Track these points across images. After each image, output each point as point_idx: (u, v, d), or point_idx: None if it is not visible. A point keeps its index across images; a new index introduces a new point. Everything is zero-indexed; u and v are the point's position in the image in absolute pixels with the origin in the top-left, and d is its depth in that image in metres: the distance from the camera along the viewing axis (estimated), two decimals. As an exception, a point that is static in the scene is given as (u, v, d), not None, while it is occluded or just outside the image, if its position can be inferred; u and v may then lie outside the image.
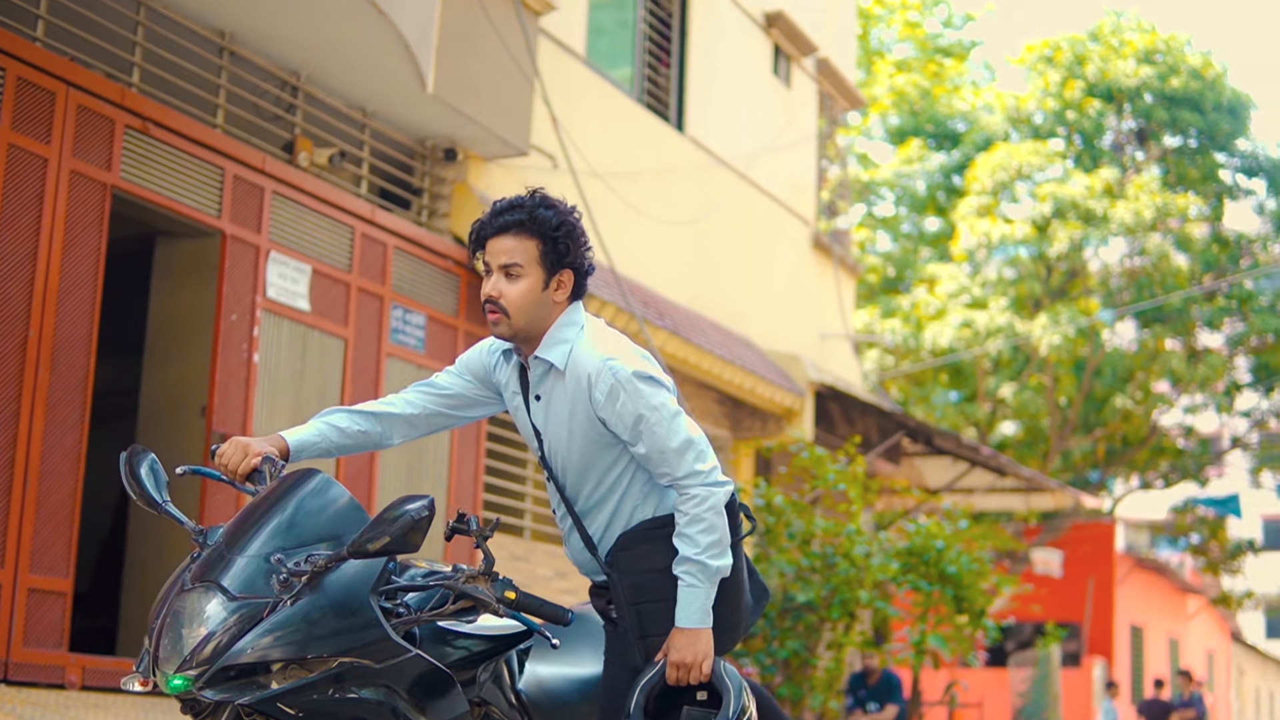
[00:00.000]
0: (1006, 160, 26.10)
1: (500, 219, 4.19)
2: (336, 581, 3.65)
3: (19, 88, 8.49)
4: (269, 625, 3.55)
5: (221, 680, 3.53)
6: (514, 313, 4.18)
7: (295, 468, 4.10)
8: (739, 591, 4.35)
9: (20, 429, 8.38)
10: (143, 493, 3.99)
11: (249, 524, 3.79)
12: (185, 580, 3.72)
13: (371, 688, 3.66)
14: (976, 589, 11.60)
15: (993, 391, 27.60)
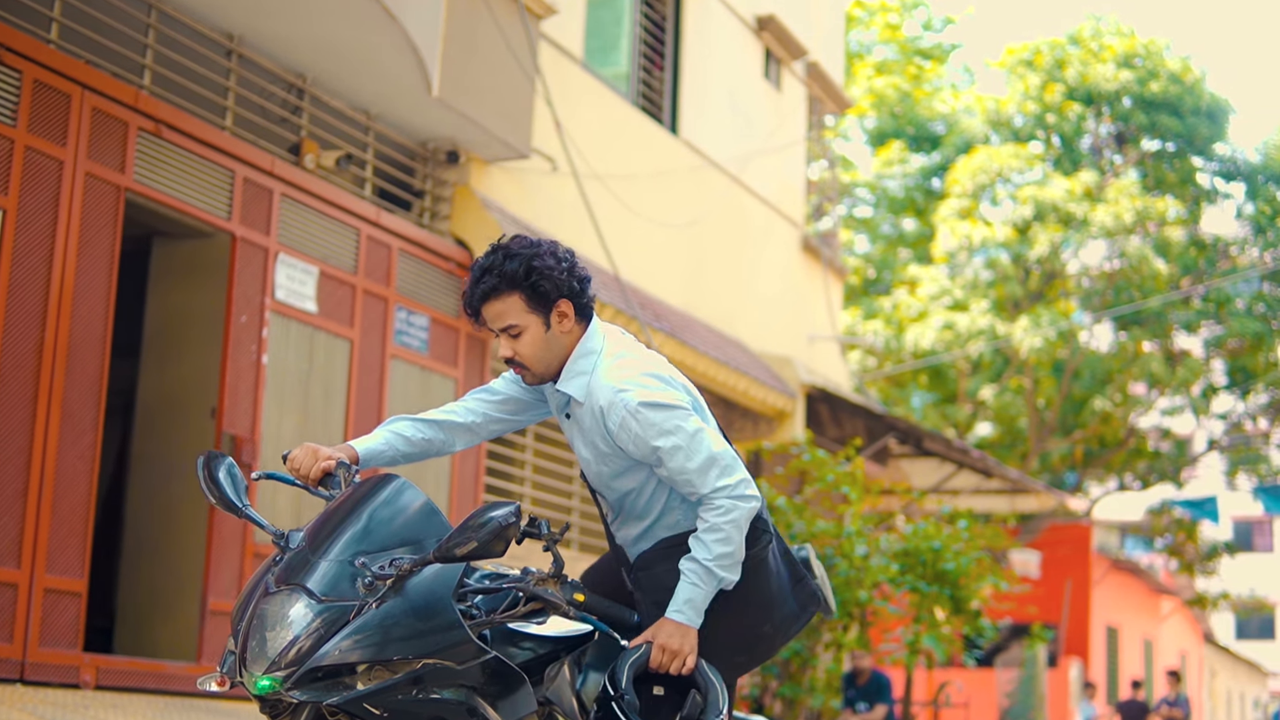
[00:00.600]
0: (987, 163, 26.25)
1: (478, 289, 4.27)
2: (419, 585, 3.71)
3: (35, 90, 8.53)
4: (355, 628, 3.61)
5: (308, 681, 3.58)
6: (532, 364, 4.32)
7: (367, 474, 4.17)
8: (770, 603, 4.45)
9: (36, 430, 8.42)
10: (222, 496, 4.04)
11: (331, 528, 3.84)
12: (269, 583, 3.77)
13: (451, 688, 3.72)
14: (971, 588, 11.69)
15: (973, 393, 27.74)
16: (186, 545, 9.97)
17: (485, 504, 3.71)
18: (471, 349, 11.87)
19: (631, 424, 4.20)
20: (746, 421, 15.85)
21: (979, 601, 11.88)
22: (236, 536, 9.75)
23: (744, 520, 4.21)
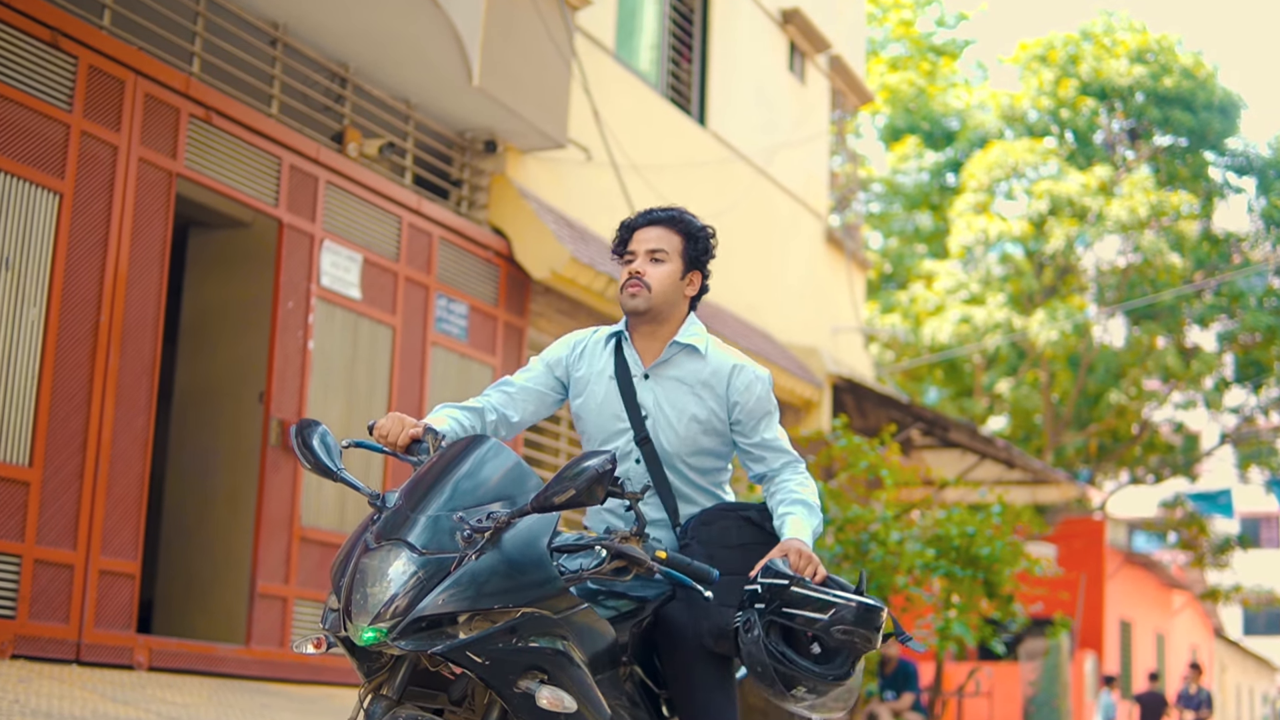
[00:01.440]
0: (1002, 158, 26.31)
1: (651, 214, 4.64)
2: (515, 538, 3.78)
3: (90, 76, 8.61)
4: (455, 579, 3.67)
5: (412, 631, 3.64)
6: (655, 289, 4.53)
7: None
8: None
9: (91, 413, 8.50)
10: (317, 462, 4.10)
11: (427, 485, 3.91)
12: (369, 540, 3.83)
13: (546, 637, 3.80)
14: (1003, 574, 11.74)
15: (989, 387, 27.81)
16: (229, 530, 10.06)
17: (583, 453, 3.80)
18: (509, 337, 11.95)
19: (758, 387, 4.55)
20: (775, 411, 15.92)
21: (1011, 586, 11.91)
22: (284, 521, 9.83)
23: (816, 496, 4.53)
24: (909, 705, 15.33)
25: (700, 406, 4.56)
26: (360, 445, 4.41)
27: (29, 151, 8.23)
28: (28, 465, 8.10)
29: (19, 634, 7.92)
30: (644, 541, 4.02)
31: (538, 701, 3.74)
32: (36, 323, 8.21)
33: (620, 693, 4.34)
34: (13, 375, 8.08)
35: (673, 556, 4.09)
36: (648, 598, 4.33)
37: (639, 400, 4.62)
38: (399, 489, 4.02)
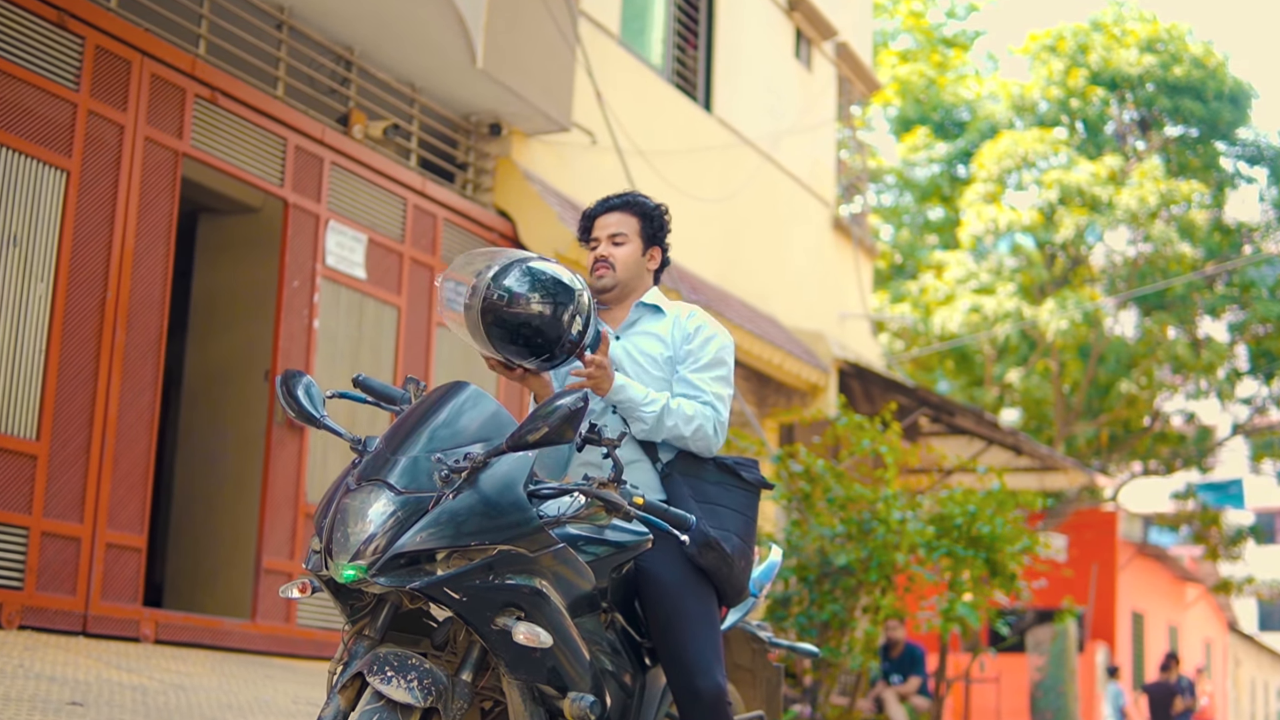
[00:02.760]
0: (1012, 148, 26.32)
1: (609, 200, 5.02)
2: (492, 477, 3.90)
3: (97, 56, 8.73)
4: (434, 517, 3.79)
5: (392, 569, 3.75)
6: (620, 268, 4.92)
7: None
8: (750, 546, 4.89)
9: (98, 389, 8.62)
10: (300, 409, 4.21)
11: (407, 428, 4.03)
12: (349, 482, 3.94)
13: (523, 575, 3.91)
14: (1007, 552, 11.79)
15: (999, 377, 27.85)
16: (236, 508, 10.21)
17: (557, 392, 3.92)
18: (514, 319, 12.02)
19: (706, 327, 4.91)
20: (780, 396, 16.03)
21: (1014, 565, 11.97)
22: (289, 499, 9.95)
23: (698, 436, 4.73)
24: (915, 689, 15.39)
25: (662, 349, 4.86)
26: (344, 396, 4.53)
27: (36, 130, 8.36)
28: (35, 439, 8.23)
29: (26, 605, 8.04)
30: (621, 487, 4.14)
31: (514, 637, 3.85)
32: (44, 299, 8.33)
33: (601, 639, 4.45)
34: (20, 350, 8.20)
35: (649, 502, 4.21)
36: (625, 543, 4.43)
37: (611, 355, 4.81)
38: (381, 435, 4.13)
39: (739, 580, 4.79)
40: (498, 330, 4.33)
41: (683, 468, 4.79)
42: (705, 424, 4.71)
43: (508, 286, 4.30)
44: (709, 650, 4.62)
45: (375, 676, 3.76)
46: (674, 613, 4.60)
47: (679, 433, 4.69)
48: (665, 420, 4.66)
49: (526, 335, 4.35)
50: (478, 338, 4.38)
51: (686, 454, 4.81)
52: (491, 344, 4.37)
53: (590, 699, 4.13)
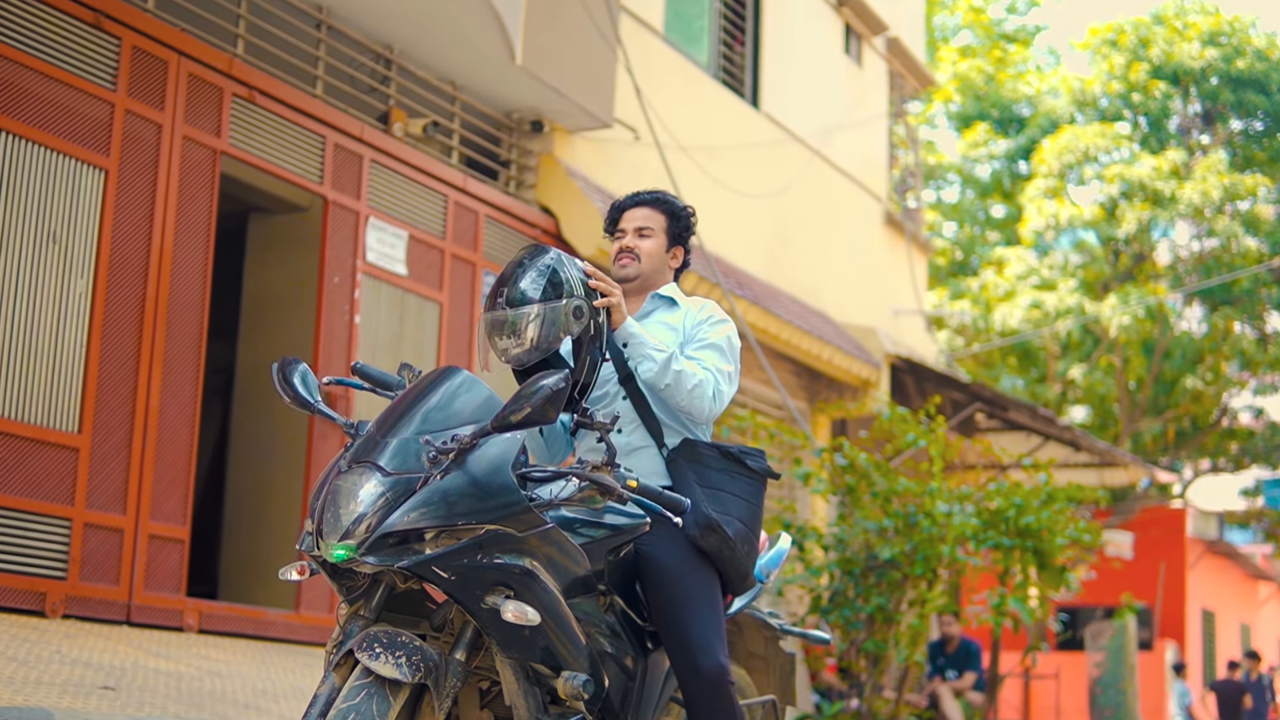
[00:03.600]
0: (1073, 143, 26.17)
1: (638, 196, 5.18)
2: (480, 457, 3.96)
3: (134, 56, 8.87)
4: (421, 497, 3.85)
5: (381, 548, 3.81)
6: (644, 260, 5.05)
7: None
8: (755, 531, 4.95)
9: (139, 383, 8.75)
10: (296, 395, 4.28)
11: (398, 413, 4.10)
12: (341, 465, 4.02)
13: (513, 554, 3.97)
14: (1055, 544, 11.74)
15: (1062, 374, 27.69)
16: (284, 503, 10.34)
17: (540, 373, 3.97)
18: (557, 314, 12.10)
19: (716, 316, 5.02)
20: (832, 391, 16.03)
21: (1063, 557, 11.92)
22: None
23: (703, 397, 4.75)
24: (970, 685, 15.35)
25: (675, 338, 4.92)
26: (341, 383, 4.61)
27: (74, 129, 8.50)
28: (77, 432, 8.37)
29: (70, 594, 8.18)
30: (615, 471, 4.19)
31: (503, 615, 3.90)
32: (84, 295, 8.48)
33: (600, 621, 4.49)
34: (61, 346, 8.34)
35: (644, 485, 4.25)
36: (622, 526, 4.48)
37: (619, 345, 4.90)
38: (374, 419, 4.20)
39: (742, 565, 4.82)
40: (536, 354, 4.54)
41: (688, 454, 4.85)
42: (705, 387, 4.74)
43: (505, 331, 4.53)
44: (710, 630, 4.65)
45: (364, 653, 3.82)
46: (675, 594, 4.65)
47: (681, 385, 4.71)
48: (672, 365, 4.70)
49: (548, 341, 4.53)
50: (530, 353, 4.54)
51: (691, 441, 4.87)
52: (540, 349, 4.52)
53: (583, 677, 4.18)
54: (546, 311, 4.49)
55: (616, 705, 4.59)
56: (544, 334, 4.49)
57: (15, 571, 7.94)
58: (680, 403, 4.76)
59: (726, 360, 4.91)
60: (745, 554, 4.81)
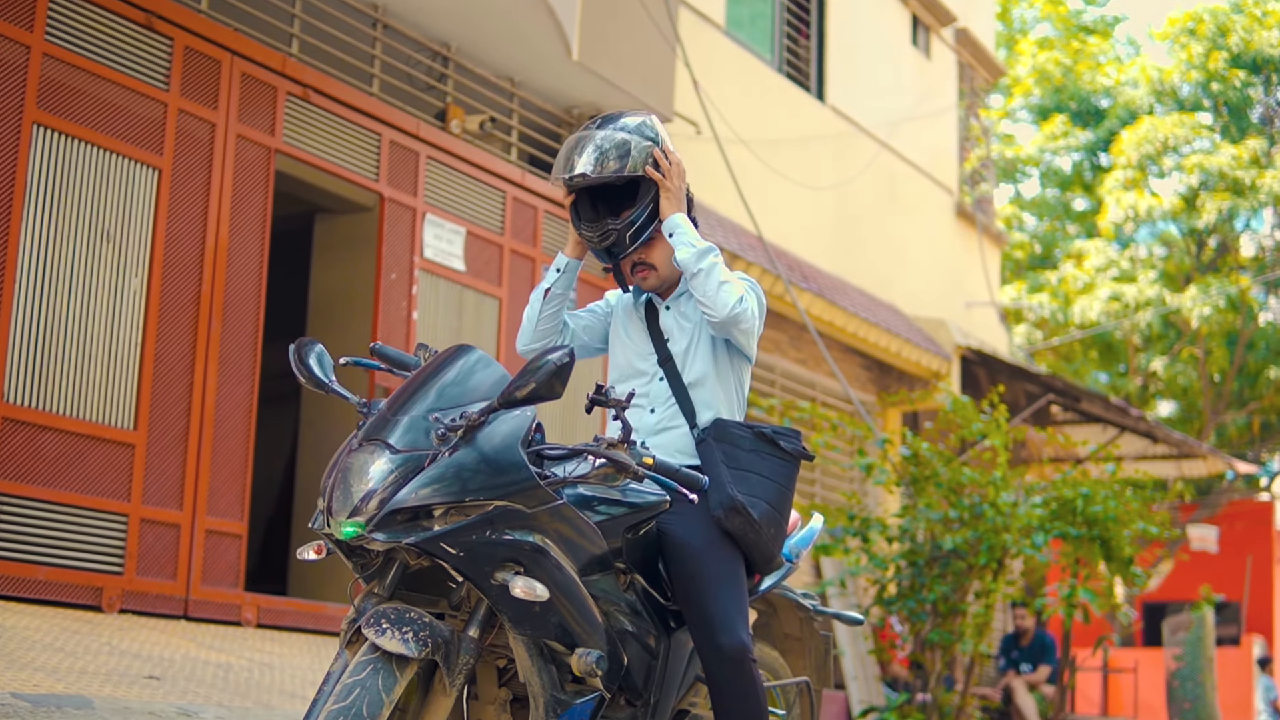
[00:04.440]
0: (1152, 133, 25.86)
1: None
2: (488, 434, 3.97)
3: (186, 56, 8.96)
4: (429, 474, 3.87)
5: (389, 524, 3.83)
6: (659, 267, 4.92)
7: None
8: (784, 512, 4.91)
9: (195, 379, 8.84)
10: (311, 376, 4.30)
11: (409, 392, 4.11)
12: (353, 443, 4.04)
13: (523, 530, 3.97)
14: (1122, 535, 11.63)
15: (1143, 366, 27.40)
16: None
17: (545, 349, 3.98)
18: (618, 308, 12.12)
19: (744, 277, 4.94)
20: (901, 384, 15.95)
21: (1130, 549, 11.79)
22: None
23: (724, 292, 4.73)
24: (1045, 678, 15.24)
25: (701, 319, 4.91)
26: (357, 363, 4.64)
27: (127, 129, 8.60)
28: (132, 429, 8.46)
29: (126, 589, 8.28)
30: (631, 448, 4.18)
31: (511, 591, 3.91)
32: (139, 293, 8.57)
33: (619, 599, 4.48)
34: (116, 343, 8.44)
35: (660, 462, 4.24)
36: (640, 504, 4.48)
37: (661, 326, 4.95)
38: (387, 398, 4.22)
39: (767, 547, 4.79)
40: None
41: (718, 434, 4.82)
42: (734, 287, 4.73)
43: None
44: (732, 608, 4.64)
45: (371, 629, 3.84)
46: (697, 573, 4.63)
47: (713, 276, 4.72)
48: (709, 256, 4.72)
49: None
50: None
51: (723, 423, 4.84)
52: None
53: (597, 654, 4.18)
54: (634, 140, 4.74)
55: (639, 684, 4.58)
56: (621, 160, 4.71)
57: (72, 567, 8.05)
58: (708, 293, 4.72)
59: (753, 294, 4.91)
60: (771, 536, 4.79)
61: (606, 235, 4.81)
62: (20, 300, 7.99)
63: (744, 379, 5.04)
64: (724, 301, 4.70)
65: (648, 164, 4.76)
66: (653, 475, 4.24)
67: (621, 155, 4.73)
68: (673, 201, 4.80)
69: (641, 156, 4.76)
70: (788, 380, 14.61)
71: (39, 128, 8.15)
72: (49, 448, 8.04)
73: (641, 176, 4.77)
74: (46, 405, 8.08)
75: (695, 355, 4.90)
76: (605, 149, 4.74)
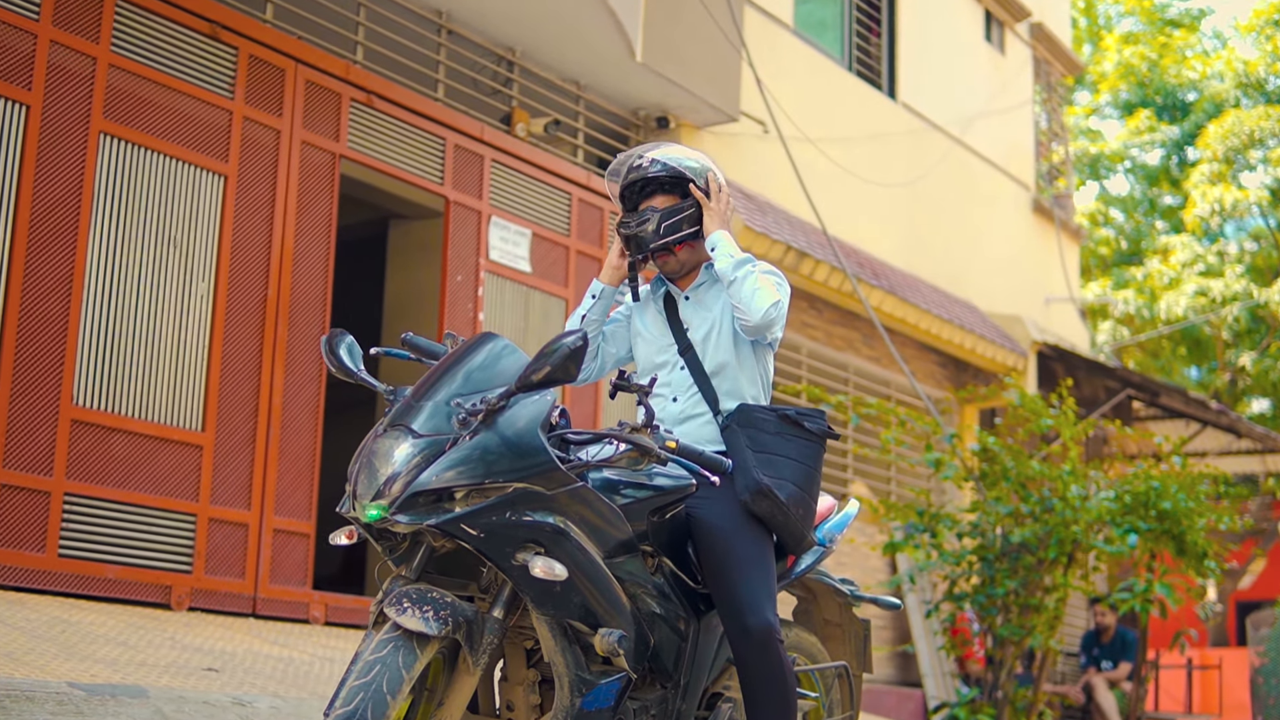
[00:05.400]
0: (1237, 126, 25.63)
1: (644, 181, 5.12)
2: (508, 418, 4.09)
3: (251, 65, 9.15)
4: (450, 457, 3.99)
5: (411, 507, 3.95)
6: (681, 252, 5.06)
7: None
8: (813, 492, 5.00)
9: (263, 381, 9.02)
10: (341, 365, 4.45)
11: (434, 379, 4.24)
12: (379, 429, 4.16)
13: (543, 512, 4.08)
14: (1196, 529, 11.56)
15: (1232, 362, 27.12)
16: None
17: (559, 333, 4.09)
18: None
19: (763, 266, 5.01)
20: (978, 381, 15.93)
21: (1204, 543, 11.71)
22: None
23: (758, 299, 4.85)
24: (1125, 675, 15.14)
25: (726, 310, 5.02)
26: (388, 353, 4.79)
27: (193, 137, 8.80)
28: (200, 430, 8.65)
29: (195, 587, 8.47)
30: (654, 433, 4.28)
31: (531, 571, 4.02)
32: (205, 298, 8.77)
33: (647, 582, 4.57)
34: (184, 346, 8.64)
35: (683, 446, 4.34)
36: (665, 487, 4.57)
37: (681, 317, 5.05)
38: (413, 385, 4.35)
39: (796, 528, 4.86)
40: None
41: (743, 419, 4.90)
42: (767, 292, 4.85)
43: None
44: (760, 590, 4.71)
45: (392, 608, 3.96)
46: (726, 556, 4.72)
47: (747, 282, 4.85)
48: (746, 265, 4.87)
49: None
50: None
51: (747, 407, 4.92)
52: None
53: (619, 634, 4.27)
54: (688, 154, 5.07)
55: (669, 665, 4.67)
56: (675, 163, 4.99)
57: (141, 566, 8.24)
58: (743, 299, 4.84)
59: (783, 292, 5.00)
60: (800, 516, 4.85)
61: (645, 221, 4.94)
62: (89, 306, 8.20)
63: (768, 364, 5.14)
64: (758, 307, 4.82)
65: (700, 179, 4.97)
66: (676, 459, 4.34)
67: (676, 160, 4.99)
68: (716, 221, 4.97)
69: (694, 166, 5.00)
70: (861, 378, 14.63)
71: (106, 137, 8.36)
72: (118, 449, 8.24)
73: (687, 192, 4.96)
74: (115, 408, 8.28)
75: (716, 343, 4.99)
76: (662, 155, 4.99)
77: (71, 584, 7.88)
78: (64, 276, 8.08)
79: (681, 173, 4.96)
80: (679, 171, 4.95)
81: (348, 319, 9.74)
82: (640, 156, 5.02)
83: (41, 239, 8.00)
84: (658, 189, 4.99)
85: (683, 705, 4.77)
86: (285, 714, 6.01)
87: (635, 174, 4.99)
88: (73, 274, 8.10)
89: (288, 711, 6.04)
